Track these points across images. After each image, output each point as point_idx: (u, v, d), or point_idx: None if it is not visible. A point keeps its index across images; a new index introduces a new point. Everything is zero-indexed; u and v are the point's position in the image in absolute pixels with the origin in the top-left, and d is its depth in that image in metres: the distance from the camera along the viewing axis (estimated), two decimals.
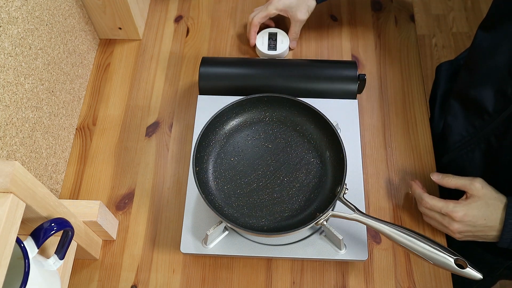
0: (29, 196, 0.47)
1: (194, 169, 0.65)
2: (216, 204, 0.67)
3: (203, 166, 0.70)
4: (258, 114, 0.74)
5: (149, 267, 0.70)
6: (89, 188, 0.77)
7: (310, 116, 0.72)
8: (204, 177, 0.69)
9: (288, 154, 0.72)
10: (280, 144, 0.73)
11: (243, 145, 0.73)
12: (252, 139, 0.73)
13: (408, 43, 0.91)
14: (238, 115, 0.74)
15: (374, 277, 0.69)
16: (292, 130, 0.73)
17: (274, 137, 0.73)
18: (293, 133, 0.73)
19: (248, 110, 0.74)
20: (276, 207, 0.68)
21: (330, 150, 0.70)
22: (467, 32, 1.98)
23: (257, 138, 0.73)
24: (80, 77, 0.84)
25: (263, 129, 0.74)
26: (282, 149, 0.72)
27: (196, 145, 0.67)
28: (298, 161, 0.71)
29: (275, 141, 0.73)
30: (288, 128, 0.74)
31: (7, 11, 0.60)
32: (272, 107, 0.74)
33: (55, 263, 0.56)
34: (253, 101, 0.73)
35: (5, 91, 0.60)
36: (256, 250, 0.67)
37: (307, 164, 0.71)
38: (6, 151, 0.60)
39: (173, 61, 0.90)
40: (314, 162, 0.71)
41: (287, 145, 0.72)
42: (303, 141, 0.73)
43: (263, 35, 0.88)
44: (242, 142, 0.73)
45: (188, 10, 0.96)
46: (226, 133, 0.73)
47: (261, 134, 0.74)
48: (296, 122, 0.73)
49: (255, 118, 0.74)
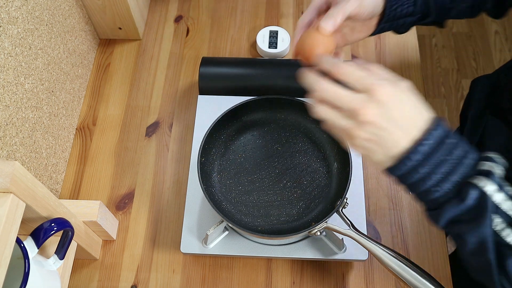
0: (29, 196, 0.47)
1: (199, 159, 0.65)
2: (215, 198, 0.67)
3: (209, 158, 0.70)
4: (273, 115, 0.73)
5: (149, 267, 0.70)
6: (89, 188, 0.77)
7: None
8: (208, 169, 0.69)
9: (296, 159, 0.71)
10: (289, 148, 0.72)
11: (252, 143, 0.73)
12: (262, 139, 0.73)
13: (408, 43, 0.91)
14: (253, 112, 0.73)
15: (374, 277, 0.69)
16: (304, 136, 0.73)
17: (285, 140, 0.73)
18: (305, 139, 0.73)
19: (264, 109, 0.73)
20: (274, 210, 0.68)
21: (338, 162, 0.69)
22: (467, 32, 1.98)
23: (268, 138, 0.73)
24: (80, 77, 0.84)
25: (275, 130, 0.73)
26: (290, 153, 0.72)
27: (206, 136, 0.67)
28: (304, 168, 0.71)
29: (285, 144, 0.73)
30: (300, 133, 0.73)
31: (7, 11, 0.60)
32: (288, 110, 0.73)
33: (55, 263, 0.56)
34: (271, 101, 0.72)
35: (5, 91, 0.60)
36: (256, 250, 0.67)
37: (313, 172, 0.70)
38: (6, 151, 0.60)
39: (173, 61, 0.90)
40: (320, 171, 0.70)
41: (297, 150, 0.72)
42: (313, 148, 0.72)
43: (264, 33, 0.88)
44: (252, 140, 0.73)
45: (188, 10, 0.96)
46: (238, 129, 0.73)
47: (273, 135, 0.73)
48: (309, 129, 0.73)
49: (269, 119, 0.74)
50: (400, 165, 0.45)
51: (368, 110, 0.44)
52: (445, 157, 0.44)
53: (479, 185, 0.43)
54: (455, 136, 0.45)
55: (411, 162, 0.44)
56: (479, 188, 0.43)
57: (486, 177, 0.43)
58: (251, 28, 0.93)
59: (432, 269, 0.69)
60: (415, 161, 0.44)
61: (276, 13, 0.95)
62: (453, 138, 0.45)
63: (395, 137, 0.44)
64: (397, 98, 0.45)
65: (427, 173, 0.44)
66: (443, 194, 0.44)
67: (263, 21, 0.94)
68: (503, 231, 0.43)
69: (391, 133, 0.44)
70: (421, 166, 0.44)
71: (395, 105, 0.44)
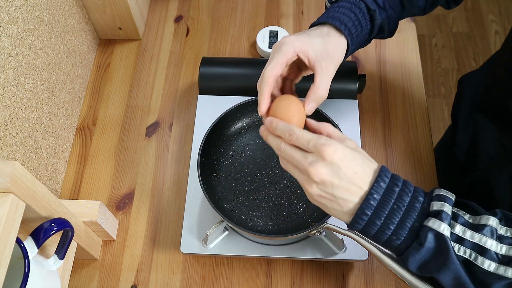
0: (29, 196, 0.47)
1: (199, 159, 0.65)
2: (215, 198, 0.67)
3: (209, 158, 0.70)
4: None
5: (149, 267, 0.70)
6: (89, 188, 0.77)
7: None
8: (208, 169, 0.69)
9: None
10: None
11: (252, 143, 0.73)
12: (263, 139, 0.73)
13: (408, 43, 0.91)
14: (253, 112, 0.73)
15: (374, 277, 0.69)
16: None
17: None
18: None
19: None
20: (274, 210, 0.68)
21: None
22: (467, 32, 1.98)
23: None
24: (80, 77, 0.84)
25: None
26: None
27: (206, 136, 0.67)
28: None
29: None
30: None
31: (7, 11, 0.60)
32: None
33: (55, 263, 0.56)
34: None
35: (5, 91, 0.60)
36: (256, 250, 0.67)
37: None
38: (6, 151, 0.60)
39: (173, 61, 0.90)
40: None
41: None
42: None
43: (264, 33, 0.88)
44: (252, 140, 0.73)
45: (188, 10, 0.96)
46: (238, 129, 0.73)
47: None
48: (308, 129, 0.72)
49: None
50: (357, 219, 0.47)
51: (318, 170, 0.46)
52: (397, 204, 0.46)
53: (433, 227, 0.44)
54: (401, 182, 0.47)
55: (366, 216, 0.46)
56: (434, 230, 0.44)
57: (437, 217, 0.45)
58: (251, 28, 0.93)
59: None
60: (369, 214, 0.46)
61: (276, 13, 0.95)
62: (400, 185, 0.47)
63: (347, 193, 0.46)
64: (344, 156, 0.46)
65: (384, 224, 0.46)
66: (402, 240, 0.46)
67: (263, 21, 0.94)
68: (476, 260, 0.44)
69: (343, 190, 0.46)
70: (376, 217, 0.46)
71: (343, 163, 0.46)
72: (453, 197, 0.47)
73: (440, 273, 0.45)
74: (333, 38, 0.56)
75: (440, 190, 0.48)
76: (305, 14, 0.95)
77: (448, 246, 0.44)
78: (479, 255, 0.44)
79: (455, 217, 0.46)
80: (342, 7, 0.59)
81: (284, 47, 0.53)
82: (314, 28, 0.58)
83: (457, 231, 0.45)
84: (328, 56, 0.54)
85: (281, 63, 0.53)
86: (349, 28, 0.57)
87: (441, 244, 0.44)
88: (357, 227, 0.47)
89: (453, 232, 0.45)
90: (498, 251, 0.44)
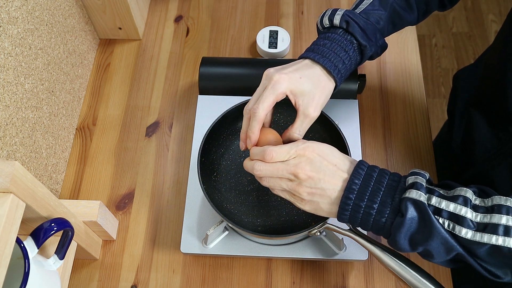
0: (29, 196, 0.47)
1: (199, 159, 0.65)
2: (215, 198, 0.67)
3: (209, 158, 0.70)
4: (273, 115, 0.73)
5: (149, 267, 0.70)
6: (89, 188, 0.77)
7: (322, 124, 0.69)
8: (208, 169, 0.69)
9: None
10: None
11: None
12: None
13: (408, 43, 0.91)
14: None
15: (374, 277, 0.69)
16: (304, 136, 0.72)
17: None
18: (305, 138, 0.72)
19: None
20: (274, 210, 0.68)
21: None
22: (467, 32, 1.98)
23: None
24: (80, 77, 0.84)
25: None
26: None
27: (206, 136, 0.67)
28: None
29: None
30: None
31: (7, 11, 0.60)
32: (288, 110, 0.72)
33: (55, 263, 0.56)
34: None
35: (5, 91, 0.60)
36: (256, 250, 0.67)
37: None
38: (6, 151, 0.60)
39: (173, 61, 0.90)
40: None
41: None
42: None
43: (264, 33, 0.88)
44: None
45: (188, 10, 0.96)
46: (238, 129, 0.73)
47: None
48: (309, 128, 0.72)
49: None
50: (344, 205, 0.50)
51: (304, 168, 0.51)
52: (377, 186, 0.50)
53: (410, 196, 0.48)
54: (378, 169, 0.52)
55: (351, 201, 0.50)
56: (411, 198, 0.48)
57: (412, 188, 0.49)
58: (251, 28, 0.93)
59: (432, 269, 0.69)
60: (353, 198, 0.50)
61: (276, 13, 0.95)
62: (378, 170, 0.52)
63: (331, 183, 0.51)
64: (323, 151, 0.52)
65: (367, 206, 0.50)
66: (387, 218, 0.49)
67: (263, 21, 0.94)
68: (454, 229, 0.47)
69: (327, 181, 0.51)
70: (359, 200, 0.50)
71: (323, 157, 0.52)
72: (427, 174, 0.52)
73: (429, 243, 0.48)
74: (322, 83, 0.58)
75: (414, 169, 0.52)
76: (305, 14, 0.95)
77: (429, 213, 0.47)
78: (456, 224, 0.47)
79: (431, 191, 0.49)
80: (334, 43, 0.60)
81: (277, 86, 0.55)
82: (306, 65, 0.59)
83: (433, 202, 0.48)
84: (314, 101, 0.57)
85: (272, 102, 0.56)
86: (339, 68, 0.59)
87: (422, 212, 0.47)
88: (346, 214, 0.51)
89: (430, 204, 0.48)
90: (473, 219, 0.46)
